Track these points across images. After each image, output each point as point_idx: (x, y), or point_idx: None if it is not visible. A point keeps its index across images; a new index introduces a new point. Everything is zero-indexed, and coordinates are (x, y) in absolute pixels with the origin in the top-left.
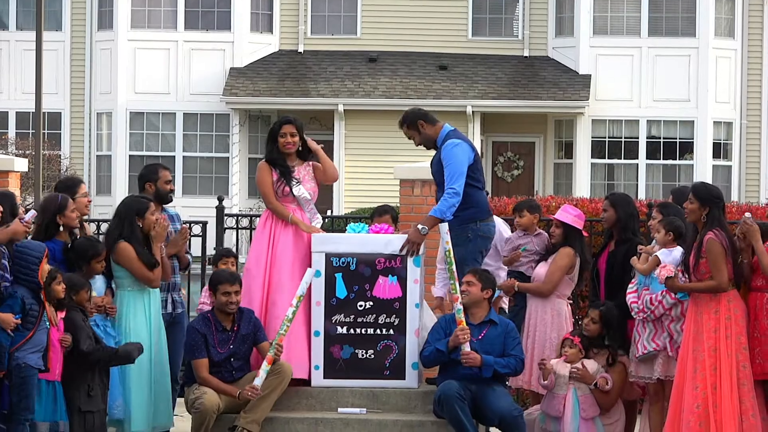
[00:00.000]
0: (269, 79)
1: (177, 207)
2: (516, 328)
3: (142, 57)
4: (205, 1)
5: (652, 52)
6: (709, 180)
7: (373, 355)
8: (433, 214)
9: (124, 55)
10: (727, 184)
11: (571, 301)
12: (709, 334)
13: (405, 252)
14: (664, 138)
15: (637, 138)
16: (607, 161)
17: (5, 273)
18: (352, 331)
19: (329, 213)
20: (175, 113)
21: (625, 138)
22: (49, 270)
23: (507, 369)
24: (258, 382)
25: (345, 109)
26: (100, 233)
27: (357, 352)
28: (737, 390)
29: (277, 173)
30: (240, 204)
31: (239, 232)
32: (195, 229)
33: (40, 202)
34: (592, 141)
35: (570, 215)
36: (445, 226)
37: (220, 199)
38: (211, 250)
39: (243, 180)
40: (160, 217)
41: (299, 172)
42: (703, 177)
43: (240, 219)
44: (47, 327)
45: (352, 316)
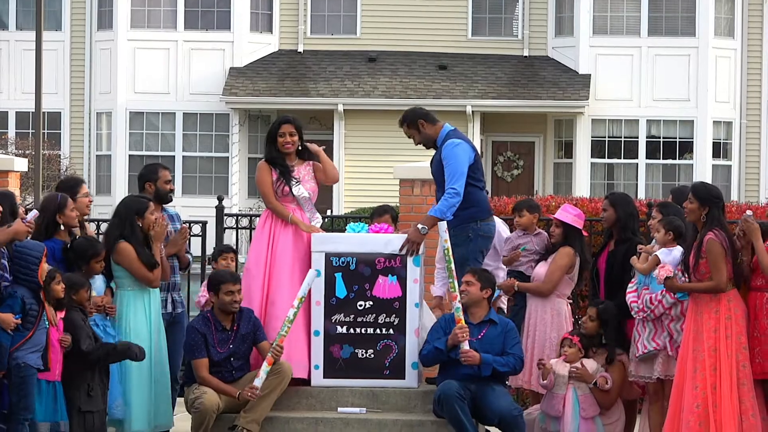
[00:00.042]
0: (269, 78)
1: (177, 207)
2: (516, 327)
3: (142, 57)
4: (205, 1)
5: (651, 51)
6: (708, 180)
7: (372, 355)
8: (433, 213)
9: (124, 54)
10: (727, 183)
11: (571, 300)
12: (709, 333)
13: (405, 251)
14: (663, 138)
15: (637, 138)
16: (606, 161)
17: (5, 273)
18: (352, 330)
19: (329, 213)
20: (174, 113)
21: (624, 138)
22: (49, 270)
23: (506, 368)
24: (258, 382)
25: (345, 109)
26: (100, 233)
27: (357, 351)
28: (737, 390)
29: (277, 173)
30: (240, 204)
31: (239, 231)
32: (195, 229)
33: (39, 201)
34: (592, 141)
35: (570, 215)
36: (444, 225)
37: (220, 199)
38: (210, 249)
39: (243, 180)
40: (159, 217)
41: (299, 171)
42: (702, 177)
43: (240, 219)
44: (46, 327)
45: (352, 316)
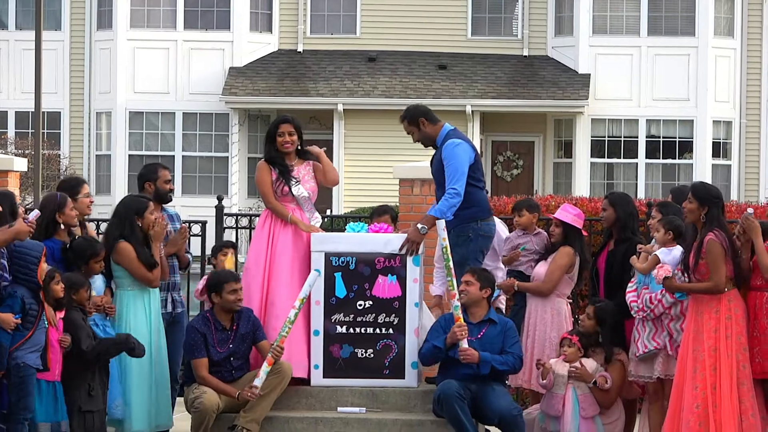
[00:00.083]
0: (268, 78)
1: (176, 206)
2: (515, 327)
3: (142, 56)
4: (205, 1)
5: (651, 51)
6: (708, 179)
7: (372, 355)
8: (433, 213)
9: (124, 54)
10: (727, 183)
11: (571, 300)
12: (710, 333)
13: (404, 251)
14: (663, 137)
15: (637, 137)
16: (606, 160)
17: (4, 273)
18: (352, 330)
19: (328, 212)
20: (174, 113)
21: (624, 137)
22: (48, 270)
23: (505, 366)
24: (258, 382)
25: (344, 109)
26: (100, 233)
27: (356, 351)
28: (737, 390)
29: (276, 173)
30: (239, 203)
31: (239, 231)
32: (194, 229)
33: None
34: (592, 140)
35: (569, 214)
36: (442, 223)
37: (220, 199)
38: (210, 249)
39: (242, 179)
40: (159, 217)
41: (299, 171)
42: (702, 176)
43: (239, 218)
44: (46, 327)
45: (352, 316)
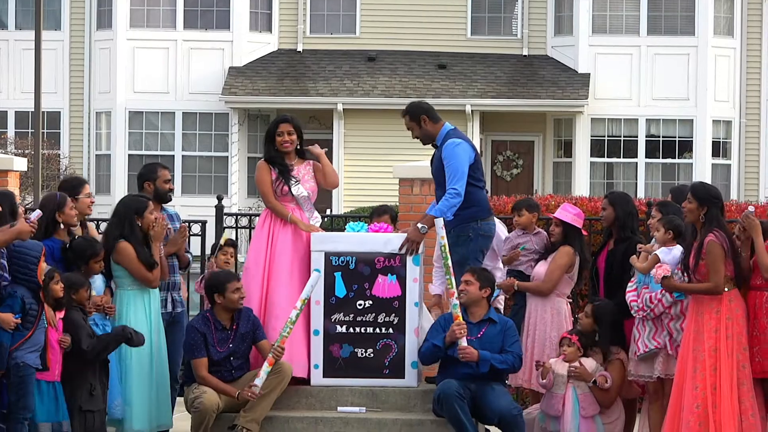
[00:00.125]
0: (268, 78)
1: (176, 206)
2: (515, 326)
3: (141, 56)
4: (204, 1)
5: (651, 50)
6: (708, 179)
7: (372, 354)
8: (433, 213)
9: (123, 54)
10: (727, 182)
11: (571, 299)
12: (710, 334)
13: (404, 251)
14: (663, 137)
15: (636, 137)
16: (606, 160)
17: (4, 272)
18: (352, 330)
19: (328, 212)
20: (174, 112)
21: (624, 137)
22: (48, 269)
23: (504, 365)
24: (258, 382)
25: (344, 108)
26: (100, 232)
27: (356, 351)
28: (737, 390)
29: (276, 172)
30: (239, 203)
31: (238, 231)
32: (194, 229)
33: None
34: (591, 140)
35: (569, 214)
36: (441, 221)
37: (220, 199)
38: (210, 248)
39: (242, 179)
40: (159, 217)
41: (298, 171)
42: (702, 176)
43: (239, 218)
44: (45, 326)
45: (352, 315)
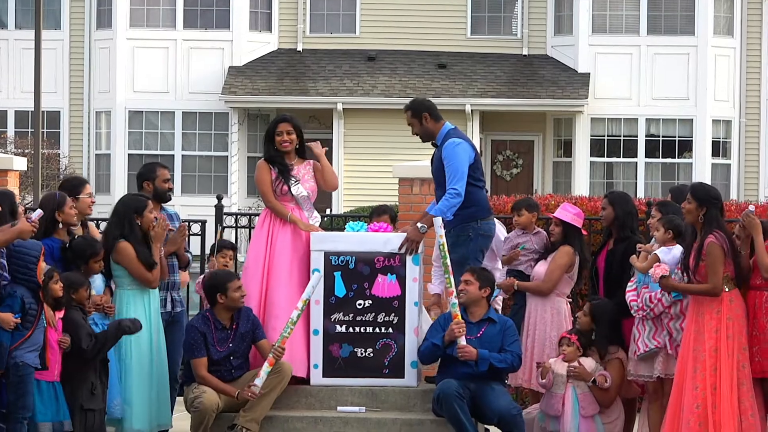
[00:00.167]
0: (268, 77)
1: (176, 206)
2: (515, 325)
3: (141, 56)
4: (204, 0)
5: (651, 50)
6: (708, 178)
7: (372, 354)
8: (433, 213)
9: (123, 53)
10: (726, 182)
11: (571, 299)
12: (710, 334)
13: (404, 250)
14: (663, 136)
15: (636, 136)
16: (606, 160)
17: (3, 272)
18: (351, 329)
19: (328, 211)
20: (174, 112)
21: (624, 136)
22: (47, 269)
23: (503, 364)
24: (258, 382)
25: (344, 108)
26: (99, 232)
27: (356, 350)
28: (737, 390)
29: (276, 172)
30: (239, 203)
31: (238, 230)
32: (194, 228)
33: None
34: (591, 139)
35: (569, 213)
36: (439, 220)
37: (219, 198)
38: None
39: (242, 179)
40: (160, 217)
41: (298, 171)
42: (702, 175)
43: (239, 218)
44: (45, 326)
45: (351, 315)
